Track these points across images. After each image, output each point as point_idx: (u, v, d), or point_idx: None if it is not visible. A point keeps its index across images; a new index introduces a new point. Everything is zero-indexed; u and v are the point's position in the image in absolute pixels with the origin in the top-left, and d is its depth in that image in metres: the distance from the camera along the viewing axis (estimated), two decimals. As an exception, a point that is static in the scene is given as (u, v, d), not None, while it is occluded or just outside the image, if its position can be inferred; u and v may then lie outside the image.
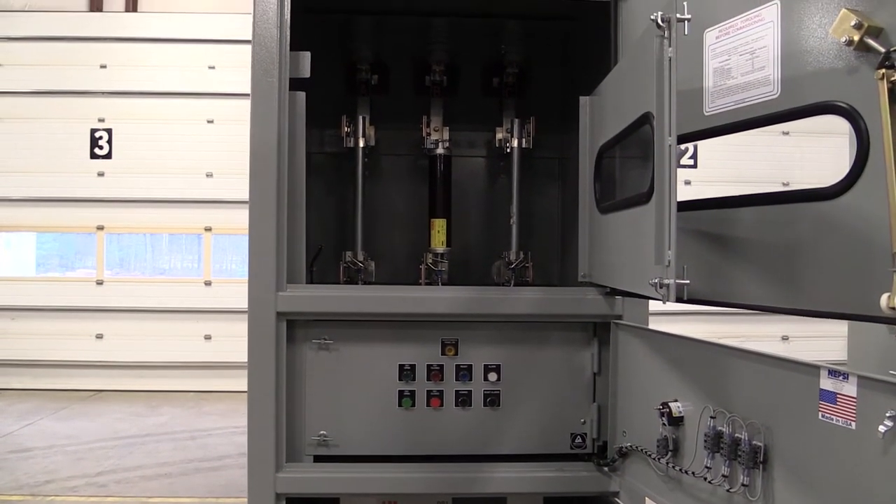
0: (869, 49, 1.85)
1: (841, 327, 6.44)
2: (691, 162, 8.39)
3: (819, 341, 8.23)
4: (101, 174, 8.61)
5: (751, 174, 8.26)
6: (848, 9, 1.90)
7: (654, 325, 2.97)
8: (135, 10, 9.19)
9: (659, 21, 2.03)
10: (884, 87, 1.76)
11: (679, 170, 6.86)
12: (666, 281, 2.00)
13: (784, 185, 8.48)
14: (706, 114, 2.44)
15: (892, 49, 1.78)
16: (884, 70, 1.77)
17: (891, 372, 5.29)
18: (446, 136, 3.77)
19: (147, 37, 8.74)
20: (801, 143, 8.28)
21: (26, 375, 8.43)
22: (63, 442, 6.21)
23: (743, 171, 8.28)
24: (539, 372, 3.13)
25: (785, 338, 8.67)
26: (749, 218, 2.34)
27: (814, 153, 8.23)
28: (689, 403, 2.46)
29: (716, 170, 8.37)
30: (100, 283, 8.67)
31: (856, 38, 1.86)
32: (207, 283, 8.62)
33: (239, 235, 8.45)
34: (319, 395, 3.07)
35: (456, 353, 3.09)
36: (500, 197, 3.94)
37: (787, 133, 8.29)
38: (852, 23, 1.86)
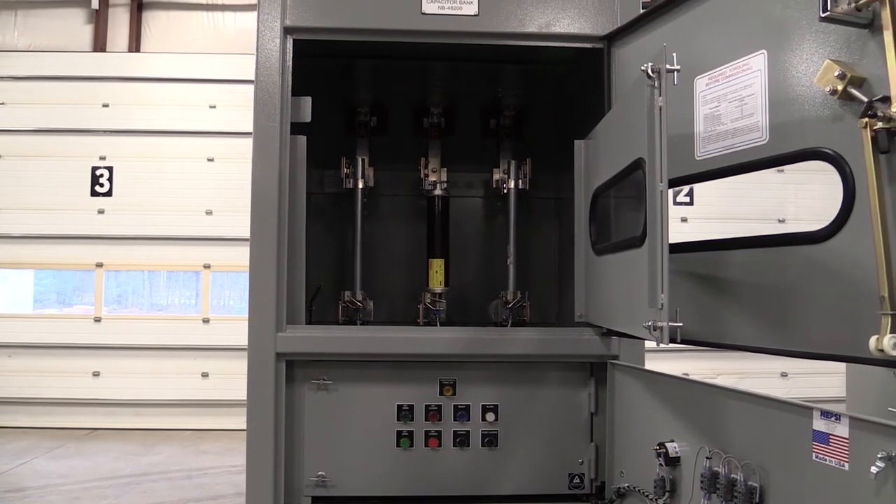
0: (852, 98, 1.92)
1: (840, 364, 6.45)
2: (687, 199, 8.48)
3: (818, 378, 8.21)
4: (101, 211, 8.66)
5: (747, 210, 8.33)
6: (832, 59, 1.98)
7: (654, 362, 3.00)
8: (138, 50, 9.35)
9: (649, 72, 2.11)
10: (867, 136, 1.83)
11: (676, 207, 6.90)
12: (659, 323, 2.04)
13: (780, 221, 8.57)
14: (698, 158, 2.51)
15: (874, 98, 1.84)
16: (867, 119, 1.83)
17: (890, 409, 5.30)
18: (444, 177, 3.84)
19: (149, 76, 8.86)
20: (794, 181, 8.36)
21: (21, 413, 8.38)
22: (58, 481, 6.16)
23: (739, 207, 8.35)
24: (537, 412, 3.15)
25: (784, 374, 8.65)
26: (741, 260, 2.40)
27: (808, 190, 8.31)
28: (686, 444, 2.48)
29: (712, 206, 8.45)
30: (97, 320, 8.66)
31: (839, 87, 1.93)
32: (205, 321, 8.62)
33: (237, 273, 8.49)
34: (318, 436, 3.08)
35: (454, 393, 3.11)
36: (498, 237, 3.99)
37: (781, 171, 8.39)
38: (836, 73, 1.94)
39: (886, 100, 1.81)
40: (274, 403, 2.92)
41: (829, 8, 1.90)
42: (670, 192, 2.56)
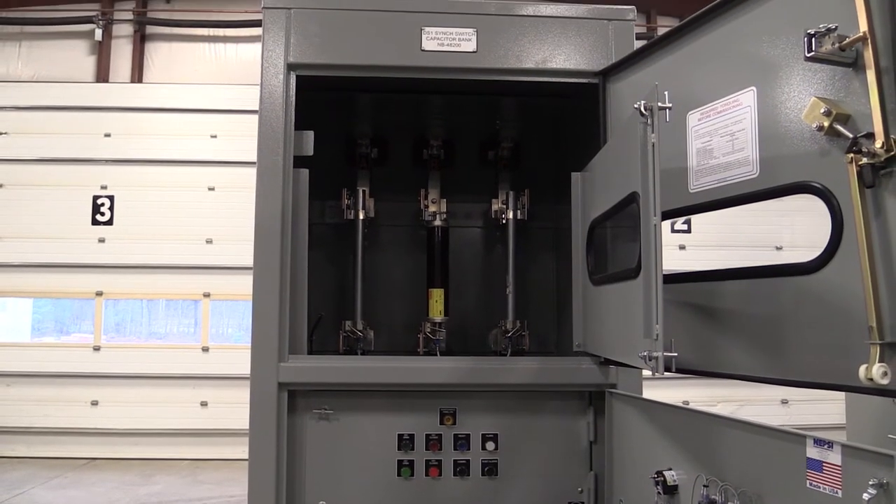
0: (838, 134, 1.99)
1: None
2: (685, 227, 8.57)
3: (819, 405, 8.23)
4: (101, 240, 8.73)
5: (744, 238, 8.42)
6: (818, 97, 2.05)
7: (654, 389, 3.04)
8: (140, 80, 9.50)
9: (642, 109, 2.18)
10: (853, 171, 1.89)
11: (673, 235, 6.92)
12: (655, 354, 2.09)
13: (777, 248, 8.65)
14: (691, 191, 2.57)
15: (859, 135, 1.91)
16: (852, 154, 1.90)
17: (890, 436, 5.32)
18: (444, 207, 3.92)
19: (151, 106, 8.99)
20: (791, 208, 8.45)
21: (19, 443, 8.37)
22: (55, 513, 6.15)
23: (737, 234, 8.43)
24: (536, 441, 3.18)
25: (784, 401, 8.67)
26: (735, 290, 2.44)
27: (804, 216, 8.39)
28: (683, 472, 2.52)
29: (710, 234, 8.54)
30: (96, 348, 8.69)
31: (826, 124, 2.00)
32: (205, 349, 8.65)
33: (236, 301, 8.53)
34: (319, 465, 3.10)
35: (454, 423, 3.15)
36: (497, 266, 4.05)
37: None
38: (822, 110, 2.01)
39: (871, 136, 1.88)
40: (276, 433, 2.95)
41: (814, 48, 1.97)
42: (667, 221, 2.63)
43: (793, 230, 8.57)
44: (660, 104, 2.18)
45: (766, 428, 2.19)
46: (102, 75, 9.46)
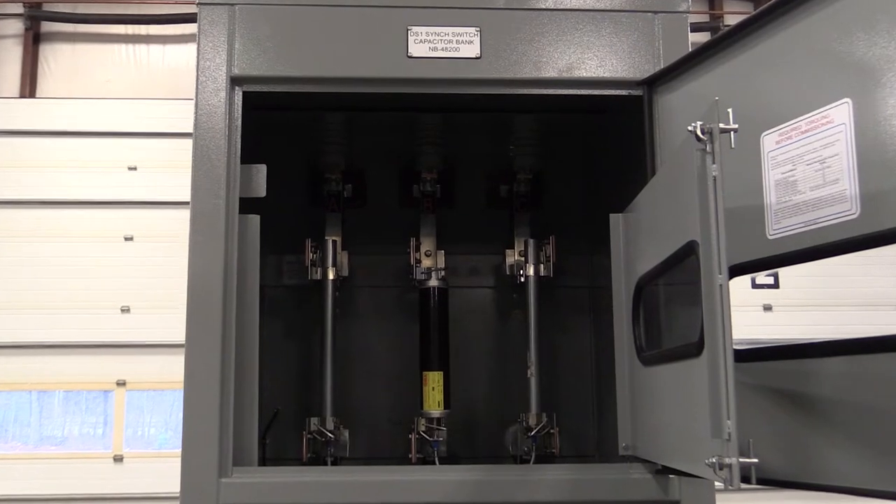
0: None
1: None
2: (771, 280, 8.56)
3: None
4: (-29, 311, 8.72)
5: (850, 293, 8.40)
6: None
7: (733, 503, 3.01)
8: (32, 95, 9.59)
9: (699, 133, 2.23)
10: None
11: (755, 291, 6.92)
12: (727, 460, 2.09)
13: (897, 307, 8.65)
14: (770, 237, 2.61)
15: None
16: None
17: None
18: (441, 262, 3.94)
19: (47, 130, 9.05)
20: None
21: None
22: None
23: (839, 289, 8.41)
24: (575, 578, 3.16)
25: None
26: (837, 370, 2.44)
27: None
28: None
29: (804, 289, 8.52)
30: (-35, 461, 8.60)
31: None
32: (118, 459, 8.56)
33: (162, 391, 8.45)
34: None
35: (462, 557, 3.13)
36: (515, 340, 4.06)
37: (894, 241, 8.50)
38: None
39: None
40: (216, 580, 2.93)
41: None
42: (742, 277, 2.65)
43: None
44: (722, 125, 2.22)
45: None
46: (-21, 88, 9.59)
